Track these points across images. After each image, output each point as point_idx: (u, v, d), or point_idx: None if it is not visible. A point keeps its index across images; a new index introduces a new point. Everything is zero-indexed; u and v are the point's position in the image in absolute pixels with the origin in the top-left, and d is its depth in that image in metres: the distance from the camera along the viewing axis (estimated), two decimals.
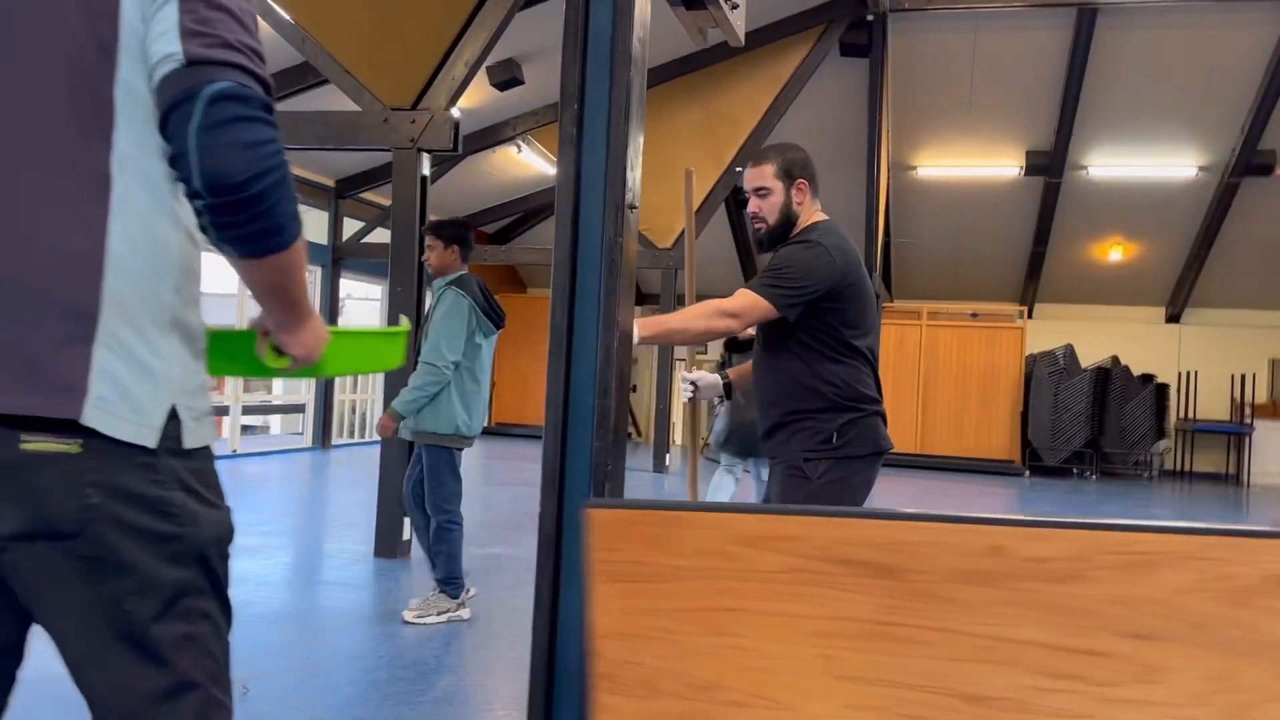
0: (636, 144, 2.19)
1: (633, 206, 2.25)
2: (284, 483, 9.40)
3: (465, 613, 4.78)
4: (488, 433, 13.84)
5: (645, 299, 13.49)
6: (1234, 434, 12.44)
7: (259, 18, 1.42)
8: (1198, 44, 9.76)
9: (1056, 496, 10.43)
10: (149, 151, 0.98)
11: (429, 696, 3.40)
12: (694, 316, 2.74)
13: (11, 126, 0.98)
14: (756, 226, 2.85)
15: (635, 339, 2.59)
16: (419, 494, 4.87)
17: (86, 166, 1.00)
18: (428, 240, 5.03)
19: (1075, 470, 12.18)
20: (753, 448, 7.26)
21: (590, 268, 2.14)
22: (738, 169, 10.05)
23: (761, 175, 2.75)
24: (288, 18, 6.17)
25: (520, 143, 11.01)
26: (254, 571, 5.10)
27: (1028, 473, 12.12)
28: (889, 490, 9.93)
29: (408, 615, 4.78)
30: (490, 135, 10.96)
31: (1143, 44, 9.92)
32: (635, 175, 2.20)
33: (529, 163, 11.87)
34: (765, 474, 4.49)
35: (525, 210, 14.25)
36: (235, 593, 1.29)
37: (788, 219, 2.77)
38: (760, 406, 2.96)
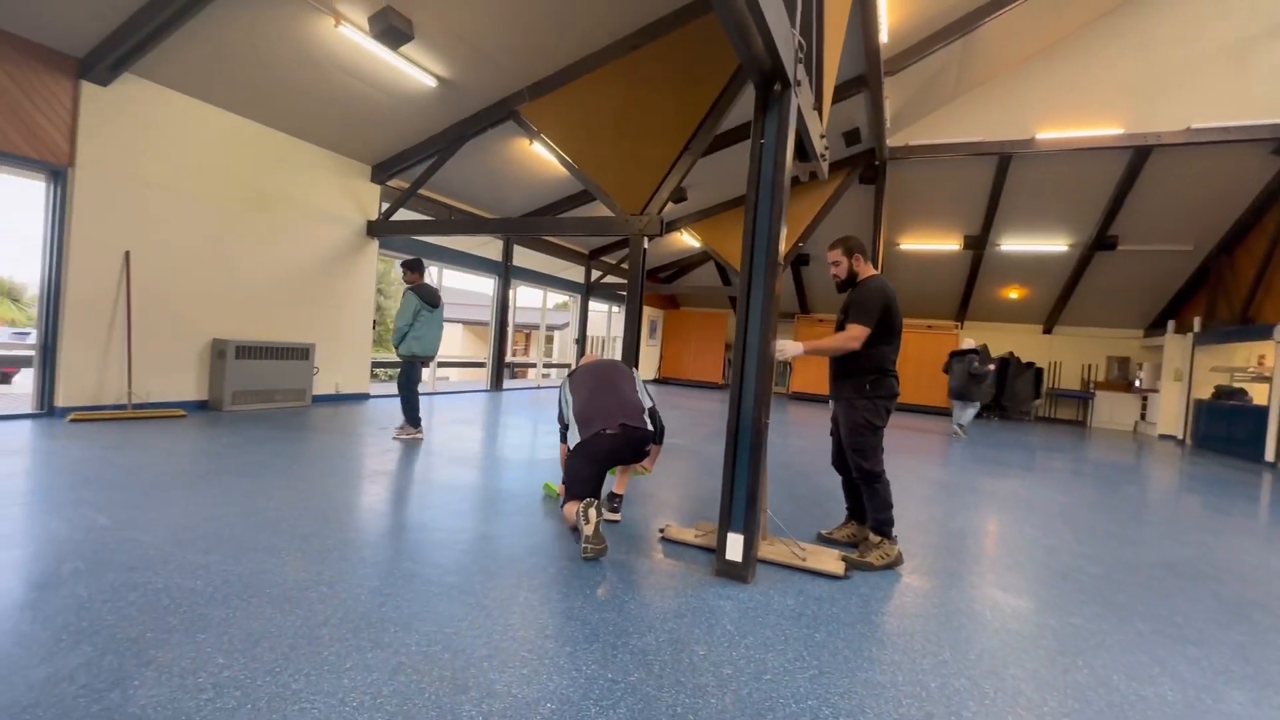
0: (781, 229, 2.66)
1: (780, 263, 2.70)
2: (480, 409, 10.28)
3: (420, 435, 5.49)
4: (662, 381, 15.76)
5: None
6: (1082, 398, 13.43)
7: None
8: (1070, 173, 10.25)
9: (974, 422, 10.97)
10: None
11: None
12: (839, 341, 3.00)
13: None
14: (834, 276, 3.18)
15: (800, 350, 2.99)
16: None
17: None
18: (404, 273, 5.69)
19: (982, 415, 13.11)
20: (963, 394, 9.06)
21: (758, 290, 3.18)
22: (800, 244, 11.74)
23: (835, 254, 3.14)
24: (574, 164, 6.72)
25: (683, 230, 11.88)
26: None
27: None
28: None
29: (395, 435, 5.51)
30: (669, 227, 11.76)
31: (1038, 174, 10.44)
32: (781, 246, 2.63)
33: (687, 241, 12.75)
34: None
35: (682, 265, 15.79)
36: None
37: (851, 275, 3.13)
38: (832, 368, 3.17)
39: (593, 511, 2.81)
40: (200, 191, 6.36)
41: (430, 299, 5.67)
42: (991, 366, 10.05)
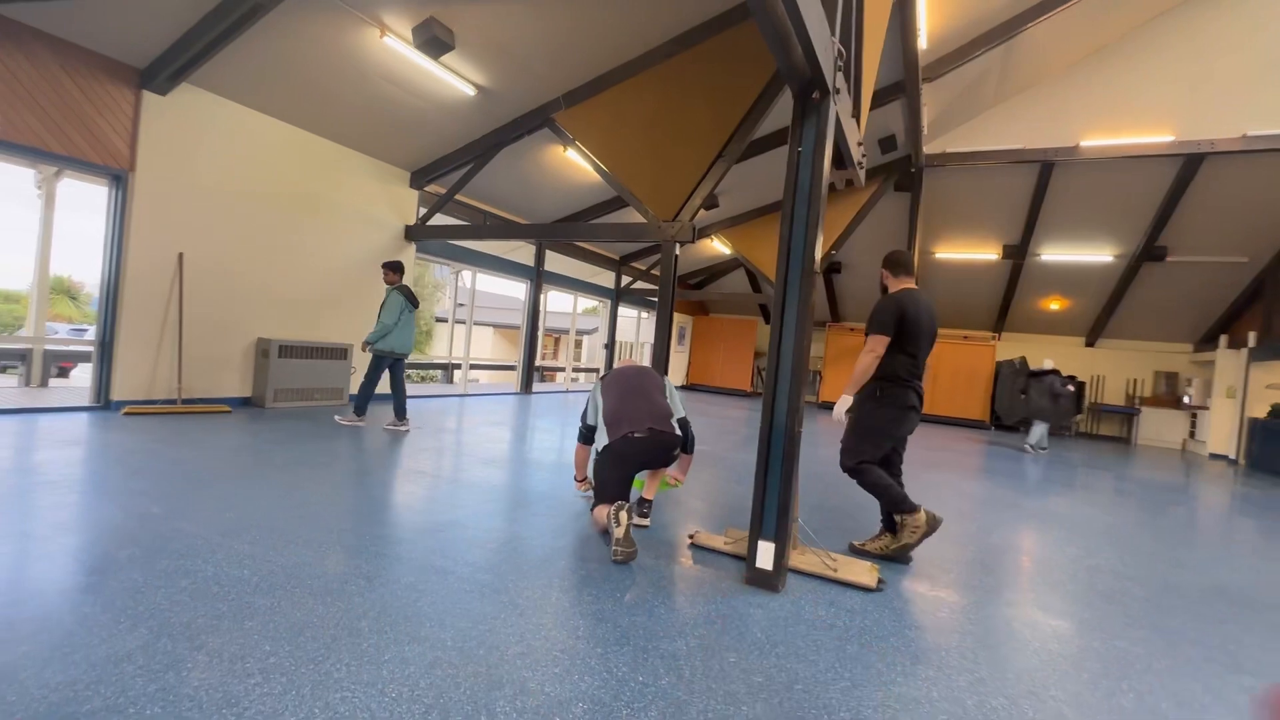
0: (818, 237, 2.68)
1: (816, 271, 2.70)
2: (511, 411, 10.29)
3: (406, 427, 5.79)
4: (691, 388, 15.84)
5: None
6: (1127, 414, 12.93)
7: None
8: (1117, 181, 9.95)
9: (1010, 438, 10.59)
10: None
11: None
12: (862, 363, 3.10)
13: None
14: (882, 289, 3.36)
15: (850, 400, 3.07)
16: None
17: None
18: (385, 273, 6.00)
19: (1021, 429, 12.82)
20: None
21: (793, 299, 3.14)
22: (833, 251, 11.53)
23: (883, 270, 3.37)
24: (608, 171, 6.76)
25: (714, 237, 11.89)
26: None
27: (992, 428, 13.15)
28: (916, 432, 11.42)
29: (340, 420, 5.80)
30: (701, 233, 11.69)
31: (1082, 182, 10.16)
32: (816, 254, 2.66)
33: (718, 248, 12.80)
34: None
35: (711, 272, 15.81)
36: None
37: (885, 287, 3.34)
38: None
39: (624, 514, 2.83)
40: (249, 196, 6.62)
41: (412, 300, 5.97)
42: (1071, 387, 10.13)
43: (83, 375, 9.68)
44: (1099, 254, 11.58)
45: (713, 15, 6.25)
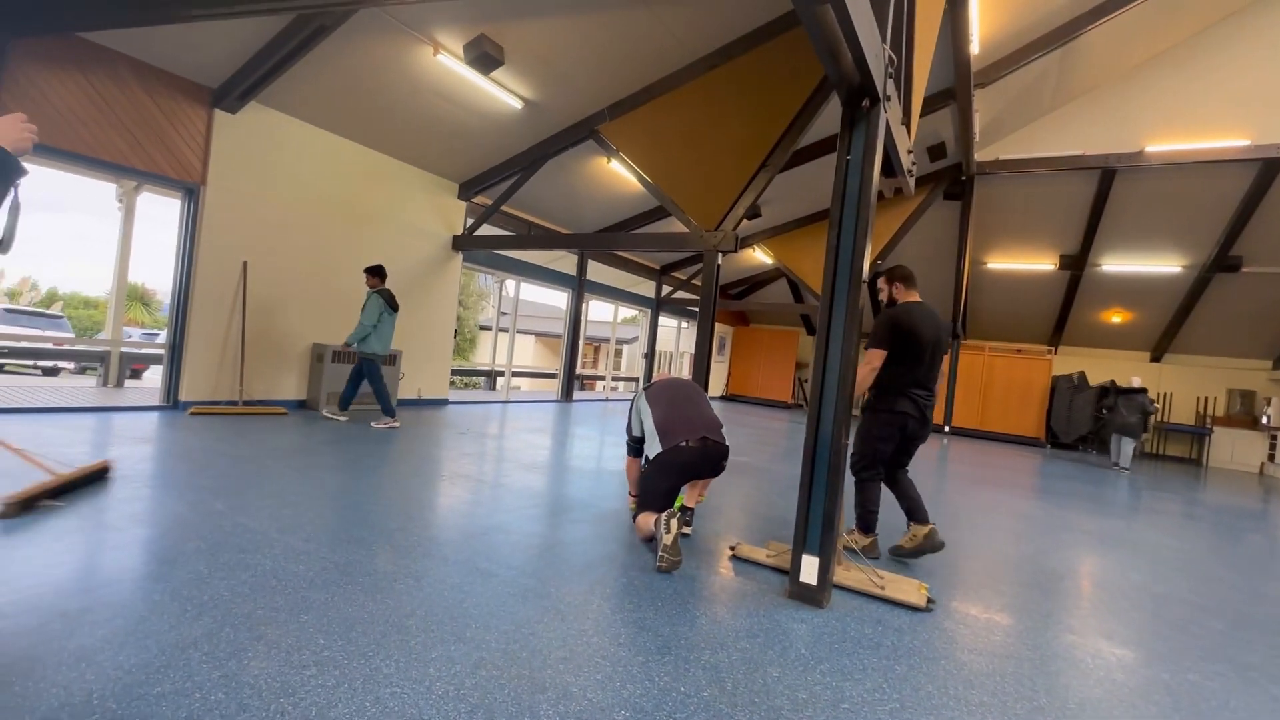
0: (866, 246, 2.64)
1: (864, 280, 2.67)
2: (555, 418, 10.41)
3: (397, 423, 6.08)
4: (730, 398, 15.75)
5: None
6: (1197, 434, 12.18)
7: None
8: (1186, 188, 9.43)
9: (1069, 455, 10.10)
10: None
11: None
12: (860, 374, 3.18)
13: None
14: (881, 300, 3.49)
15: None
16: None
17: None
18: (367, 277, 6.28)
19: (1080, 447, 12.33)
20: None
21: (840, 310, 2.62)
22: (878, 261, 11.11)
23: (881, 280, 3.47)
24: (651, 181, 6.82)
25: (756, 246, 11.82)
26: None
27: (1048, 445, 12.51)
28: (963, 446, 11.06)
29: (376, 425, 6.07)
30: (743, 243, 11.46)
31: (1147, 189, 9.67)
32: (865, 263, 2.63)
33: (759, 258, 12.66)
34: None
35: (753, 281, 15.71)
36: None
37: (891, 299, 3.42)
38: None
39: (674, 522, 2.82)
40: (308, 207, 6.93)
41: (392, 303, 6.29)
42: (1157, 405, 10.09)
43: (153, 377, 10.25)
44: (1166, 264, 11.03)
45: (756, 26, 6.27)
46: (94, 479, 3.34)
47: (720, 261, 6.46)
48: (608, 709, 1.71)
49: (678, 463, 3.13)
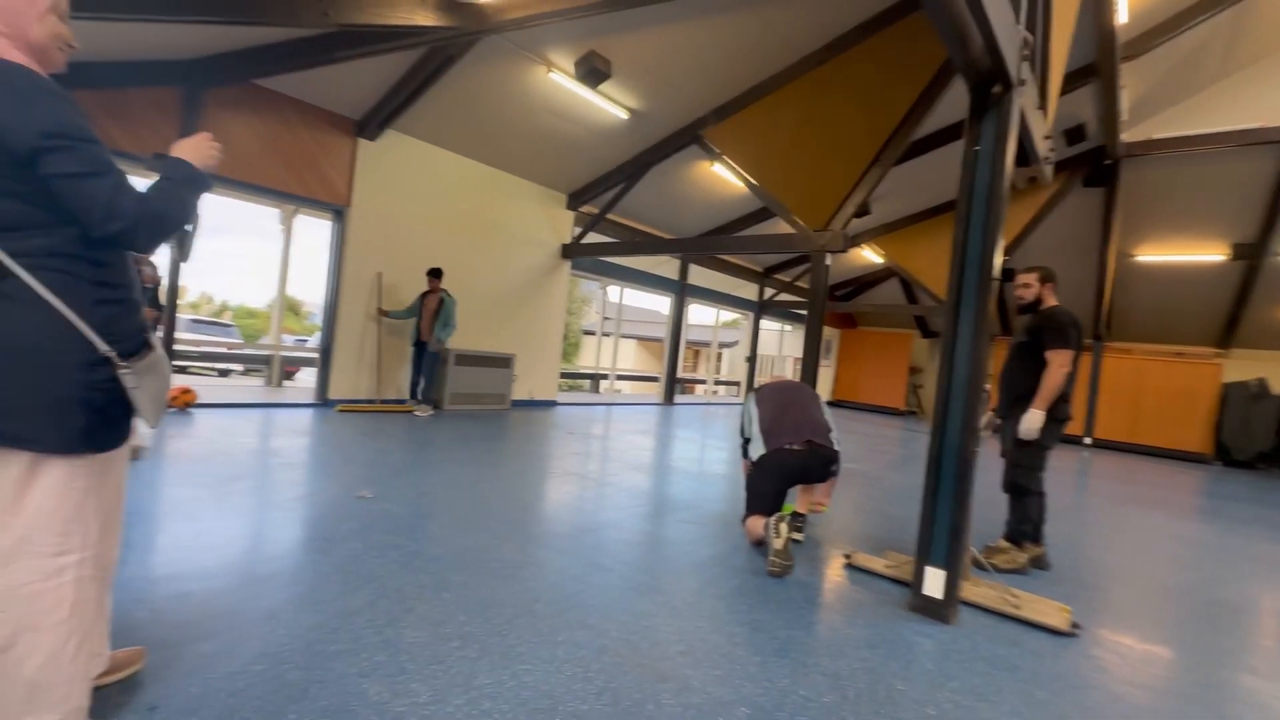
0: (997, 242, 2.48)
1: (996, 278, 2.49)
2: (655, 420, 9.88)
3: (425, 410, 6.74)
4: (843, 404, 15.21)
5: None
6: None
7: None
8: None
9: (1246, 474, 8.74)
10: None
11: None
12: (1055, 370, 3.04)
13: None
14: (1019, 298, 3.28)
15: (1041, 416, 2.99)
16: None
17: None
18: (430, 280, 6.82)
19: (1260, 465, 10.74)
20: None
21: (968, 310, 2.53)
22: (1006, 257, 10.46)
23: (1030, 278, 3.25)
24: (756, 182, 6.85)
25: (864, 245, 11.33)
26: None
27: (1220, 463, 10.96)
28: (1109, 460, 9.98)
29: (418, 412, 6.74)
30: (852, 242, 10.83)
31: None
32: (996, 261, 2.47)
33: (868, 258, 12.20)
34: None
35: (860, 282, 15.08)
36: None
37: (1037, 301, 3.26)
38: (1004, 390, 3.32)
39: (784, 526, 2.79)
40: (433, 223, 7.54)
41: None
42: None
43: (305, 377, 11.54)
44: None
45: (867, 17, 6.03)
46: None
47: (829, 262, 6.33)
48: (728, 705, 1.74)
49: (780, 465, 3.09)
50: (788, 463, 3.10)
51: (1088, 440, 11.80)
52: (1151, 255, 10.82)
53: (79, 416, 1.14)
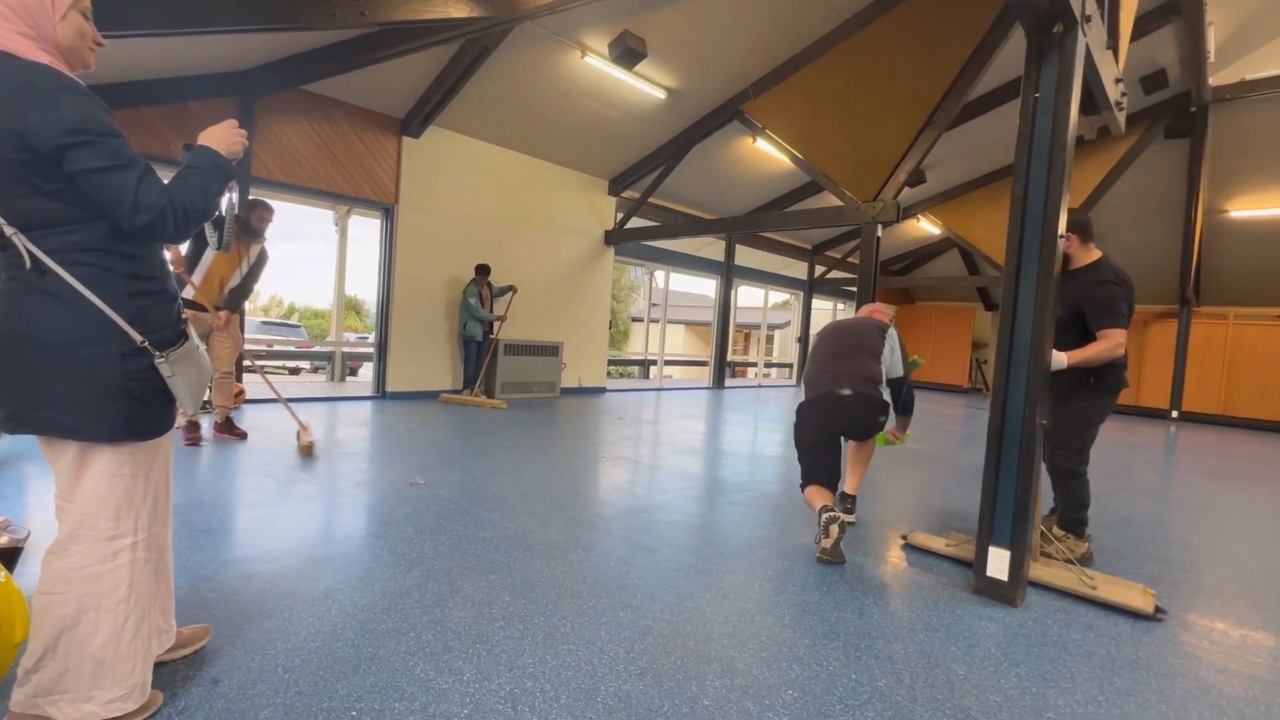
0: (1062, 197, 2.29)
1: (1061, 235, 2.30)
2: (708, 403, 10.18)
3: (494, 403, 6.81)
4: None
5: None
6: None
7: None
8: None
9: None
10: None
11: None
12: (1105, 350, 2.68)
13: None
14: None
15: (1065, 363, 2.61)
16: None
17: None
18: (477, 275, 7.05)
19: None
20: None
21: (1029, 275, 2.35)
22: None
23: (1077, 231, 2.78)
24: (800, 155, 6.67)
25: (920, 216, 10.98)
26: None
27: None
28: (1199, 433, 9.25)
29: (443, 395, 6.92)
30: (906, 213, 10.82)
31: None
32: (1061, 219, 2.28)
33: (924, 229, 11.77)
34: None
35: (917, 255, 14.48)
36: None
37: (1065, 258, 2.77)
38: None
39: (835, 528, 2.63)
40: (478, 215, 7.66)
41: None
42: None
43: (365, 372, 12.05)
44: None
45: None
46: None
47: (880, 234, 6.08)
48: (775, 687, 1.68)
49: (812, 415, 2.94)
50: (815, 413, 2.93)
51: (1174, 414, 10.96)
52: (1246, 210, 9.90)
53: (120, 406, 1.19)
